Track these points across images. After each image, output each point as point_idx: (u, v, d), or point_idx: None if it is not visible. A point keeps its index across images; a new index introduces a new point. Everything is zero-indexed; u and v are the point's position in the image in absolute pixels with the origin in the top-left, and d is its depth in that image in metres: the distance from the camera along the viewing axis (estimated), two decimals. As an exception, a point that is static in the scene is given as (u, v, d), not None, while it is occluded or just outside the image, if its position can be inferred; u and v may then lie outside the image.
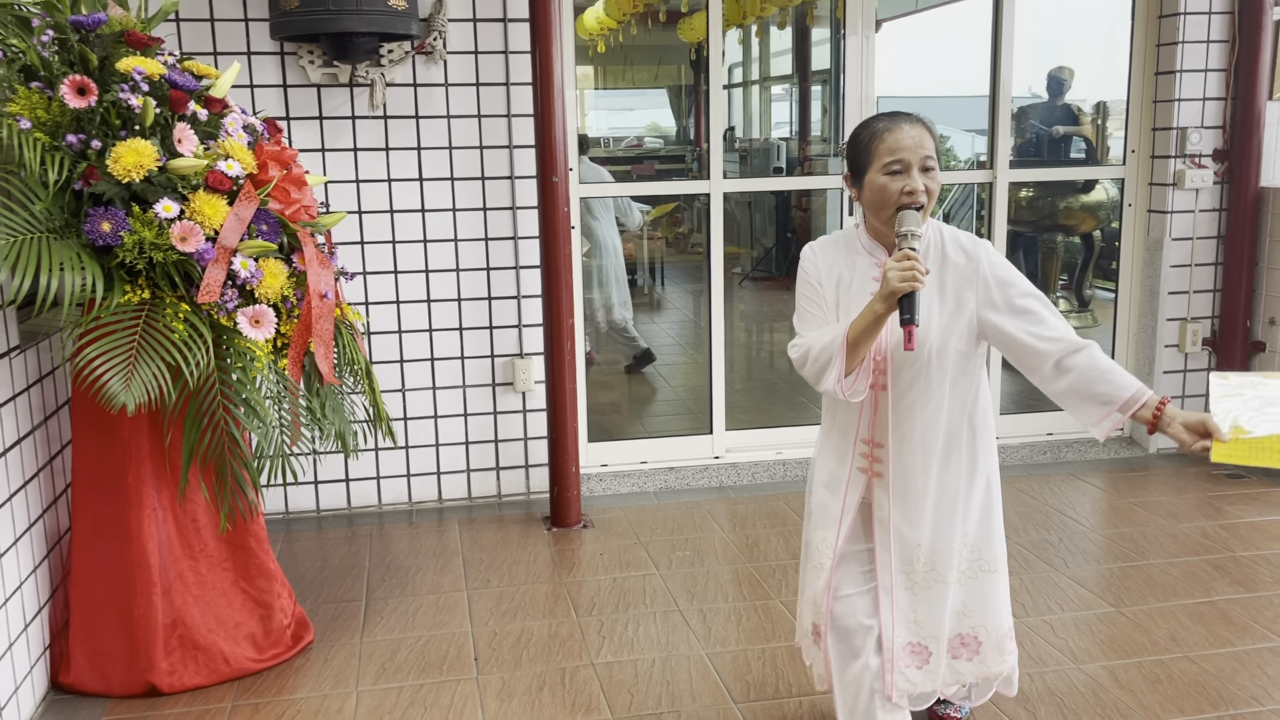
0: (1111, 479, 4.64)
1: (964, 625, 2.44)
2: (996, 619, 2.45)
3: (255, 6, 3.92)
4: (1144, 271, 4.93)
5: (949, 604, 2.40)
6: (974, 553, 2.41)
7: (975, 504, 2.39)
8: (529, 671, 3.04)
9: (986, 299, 2.26)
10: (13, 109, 2.55)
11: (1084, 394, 2.20)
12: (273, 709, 2.87)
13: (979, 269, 2.26)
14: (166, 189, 2.66)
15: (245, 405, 2.79)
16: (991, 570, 2.43)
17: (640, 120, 12.65)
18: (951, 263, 2.28)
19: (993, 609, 2.44)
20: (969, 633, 2.44)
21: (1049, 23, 6.91)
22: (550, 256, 3.97)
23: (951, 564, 2.38)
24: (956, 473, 2.35)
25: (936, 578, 2.38)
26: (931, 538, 2.37)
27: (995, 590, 2.44)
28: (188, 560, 2.97)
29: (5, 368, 2.78)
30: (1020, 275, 2.29)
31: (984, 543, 2.41)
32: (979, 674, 2.48)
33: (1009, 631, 2.49)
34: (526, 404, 4.38)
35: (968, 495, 2.38)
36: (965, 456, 2.36)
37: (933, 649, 2.41)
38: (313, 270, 2.87)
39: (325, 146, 4.05)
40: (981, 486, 2.39)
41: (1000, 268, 2.28)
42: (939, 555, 2.37)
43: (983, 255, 2.28)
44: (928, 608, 2.39)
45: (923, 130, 2.21)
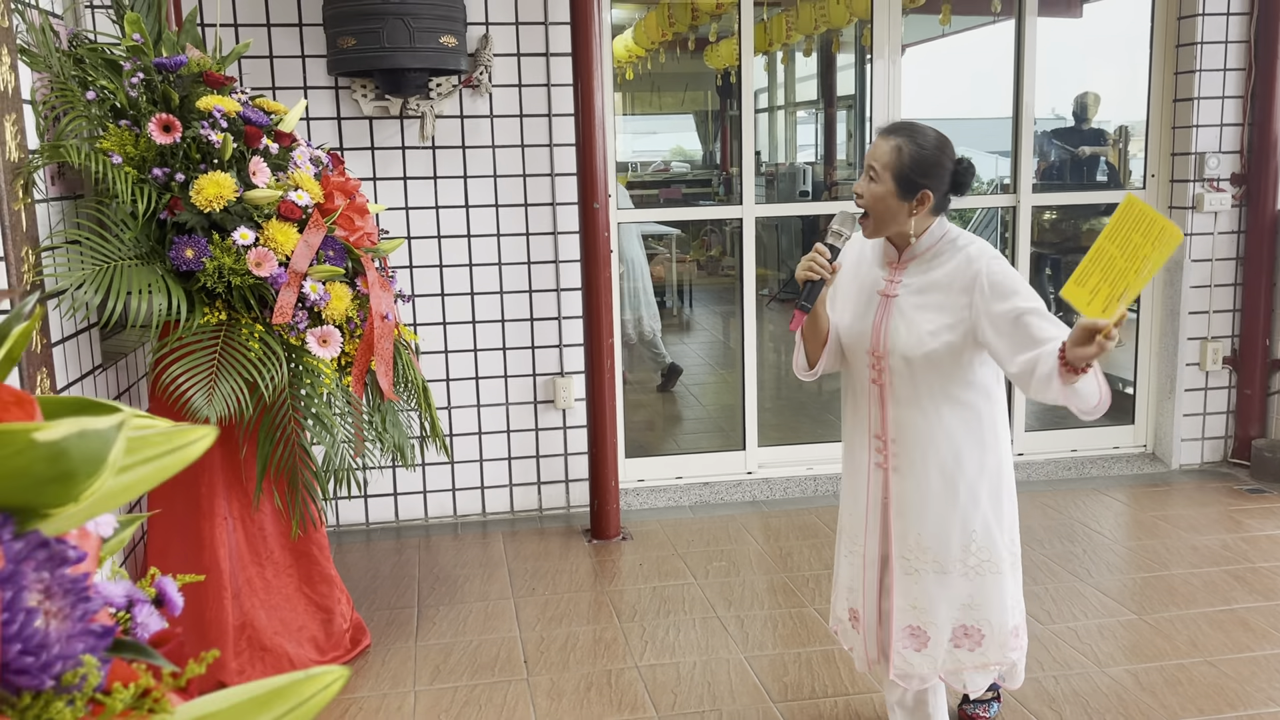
0: (1134, 493, 4.77)
1: (969, 617, 2.48)
2: (1001, 615, 2.48)
3: (312, 44, 4.14)
4: (1165, 292, 5.07)
5: (952, 594, 2.46)
6: (981, 550, 2.44)
7: (982, 503, 2.42)
8: (576, 673, 3.20)
9: (984, 307, 2.29)
10: (105, 145, 2.77)
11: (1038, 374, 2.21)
12: (336, 706, 3.04)
13: (978, 278, 2.29)
14: (243, 218, 2.86)
15: (314, 419, 2.98)
16: (997, 571, 2.46)
17: (667, 144, 12.87)
18: (944, 268, 2.35)
19: (997, 605, 2.47)
20: (973, 625, 2.49)
21: (1075, 48, 7.07)
22: (590, 279, 4.15)
23: (952, 556, 2.43)
24: (960, 470, 2.40)
25: (937, 568, 2.44)
26: (933, 529, 2.43)
27: (1001, 588, 2.47)
28: (255, 567, 3.16)
29: (90, 384, 2.98)
30: (1021, 284, 2.28)
31: (989, 542, 2.44)
32: (978, 663, 2.51)
33: (1014, 628, 2.53)
34: (567, 421, 4.56)
35: (972, 494, 2.41)
36: (971, 456, 2.39)
37: (931, 634, 2.48)
38: (375, 293, 3.06)
39: (377, 175, 4.26)
40: (988, 486, 2.42)
41: (997, 275, 2.29)
42: (940, 547, 2.43)
43: (983, 265, 2.30)
44: (926, 595, 2.46)
45: (887, 142, 2.32)
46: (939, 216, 2.41)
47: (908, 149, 2.30)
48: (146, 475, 0.54)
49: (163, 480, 0.55)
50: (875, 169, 2.31)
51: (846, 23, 6.38)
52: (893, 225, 2.37)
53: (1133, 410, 5.25)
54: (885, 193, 2.32)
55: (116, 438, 0.50)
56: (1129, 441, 5.23)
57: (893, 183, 2.31)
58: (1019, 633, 2.56)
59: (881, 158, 2.31)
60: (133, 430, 0.52)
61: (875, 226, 2.38)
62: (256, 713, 0.54)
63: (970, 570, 2.45)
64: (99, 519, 0.64)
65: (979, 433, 2.40)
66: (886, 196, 2.32)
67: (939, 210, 2.40)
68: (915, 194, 2.31)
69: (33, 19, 2.74)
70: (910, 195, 2.32)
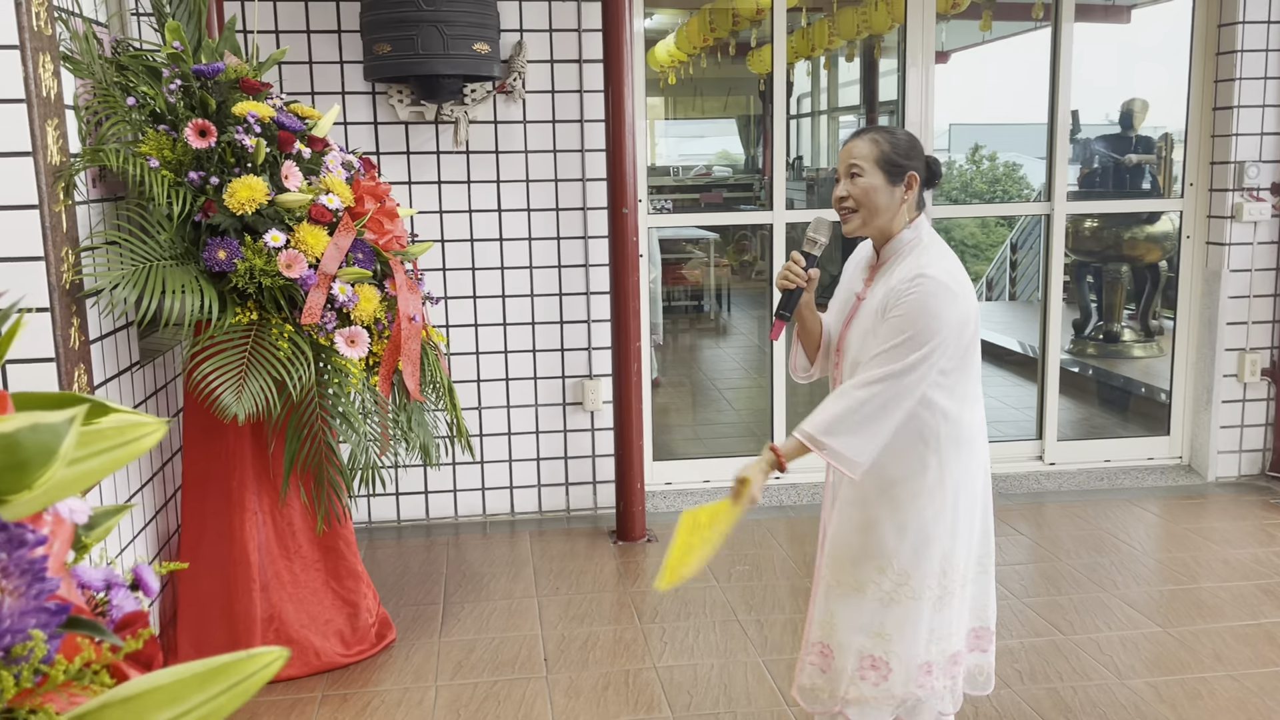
0: (1168, 505, 4.72)
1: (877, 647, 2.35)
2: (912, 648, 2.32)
3: (350, 50, 4.23)
4: (1202, 302, 5.01)
5: (864, 620, 2.34)
6: (899, 575, 2.31)
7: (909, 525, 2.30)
8: (595, 672, 3.24)
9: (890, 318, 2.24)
10: (143, 149, 2.86)
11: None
12: (359, 699, 3.11)
13: (903, 296, 2.21)
14: (275, 220, 2.94)
15: (341, 417, 3.05)
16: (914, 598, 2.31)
17: (710, 147, 12.91)
18: (896, 274, 2.27)
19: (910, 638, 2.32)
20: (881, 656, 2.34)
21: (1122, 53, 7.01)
22: (619, 283, 4.20)
23: (867, 577, 2.33)
24: (889, 486, 2.30)
25: (855, 586, 2.35)
26: (854, 545, 2.35)
27: (916, 619, 2.32)
28: (284, 560, 3.24)
29: (128, 381, 3.08)
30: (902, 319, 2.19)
31: (913, 567, 2.30)
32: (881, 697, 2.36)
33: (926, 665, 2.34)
34: (595, 423, 4.61)
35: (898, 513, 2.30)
36: (904, 473, 2.29)
37: (837, 656, 2.38)
38: (403, 295, 3.13)
39: (411, 179, 4.34)
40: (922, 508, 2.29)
41: (912, 302, 2.19)
42: (856, 565, 2.34)
43: (915, 286, 2.20)
44: (839, 613, 2.37)
45: (861, 140, 2.30)
46: (920, 214, 2.35)
47: (884, 137, 2.30)
48: (99, 466, 0.59)
49: (115, 470, 0.60)
50: (858, 164, 2.28)
51: (889, 28, 6.38)
52: (883, 217, 2.30)
53: (1168, 421, 5.19)
54: (874, 183, 2.28)
55: (68, 431, 0.55)
56: (1164, 453, 5.18)
57: (879, 171, 2.28)
58: (932, 670, 2.35)
59: (860, 152, 2.29)
60: (86, 425, 0.57)
61: (863, 220, 2.31)
62: (198, 689, 0.59)
63: (885, 595, 2.32)
64: (73, 506, 0.69)
65: (920, 450, 2.27)
66: (877, 186, 2.28)
67: (920, 205, 2.35)
68: (903, 177, 2.29)
69: (76, 27, 2.84)
70: (899, 179, 2.29)
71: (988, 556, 2.45)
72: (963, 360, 2.27)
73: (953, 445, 2.29)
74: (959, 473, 2.31)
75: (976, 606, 2.46)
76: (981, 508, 2.40)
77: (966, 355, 2.28)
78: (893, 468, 2.29)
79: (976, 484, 2.36)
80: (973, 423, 2.34)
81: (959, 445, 2.30)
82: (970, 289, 2.28)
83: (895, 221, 2.32)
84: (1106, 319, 7.30)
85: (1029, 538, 4.34)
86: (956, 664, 2.40)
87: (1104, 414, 6.44)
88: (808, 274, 2.38)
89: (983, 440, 2.39)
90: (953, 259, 2.29)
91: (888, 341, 2.20)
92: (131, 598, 0.77)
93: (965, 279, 2.27)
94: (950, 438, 2.28)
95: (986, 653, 2.50)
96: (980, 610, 2.46)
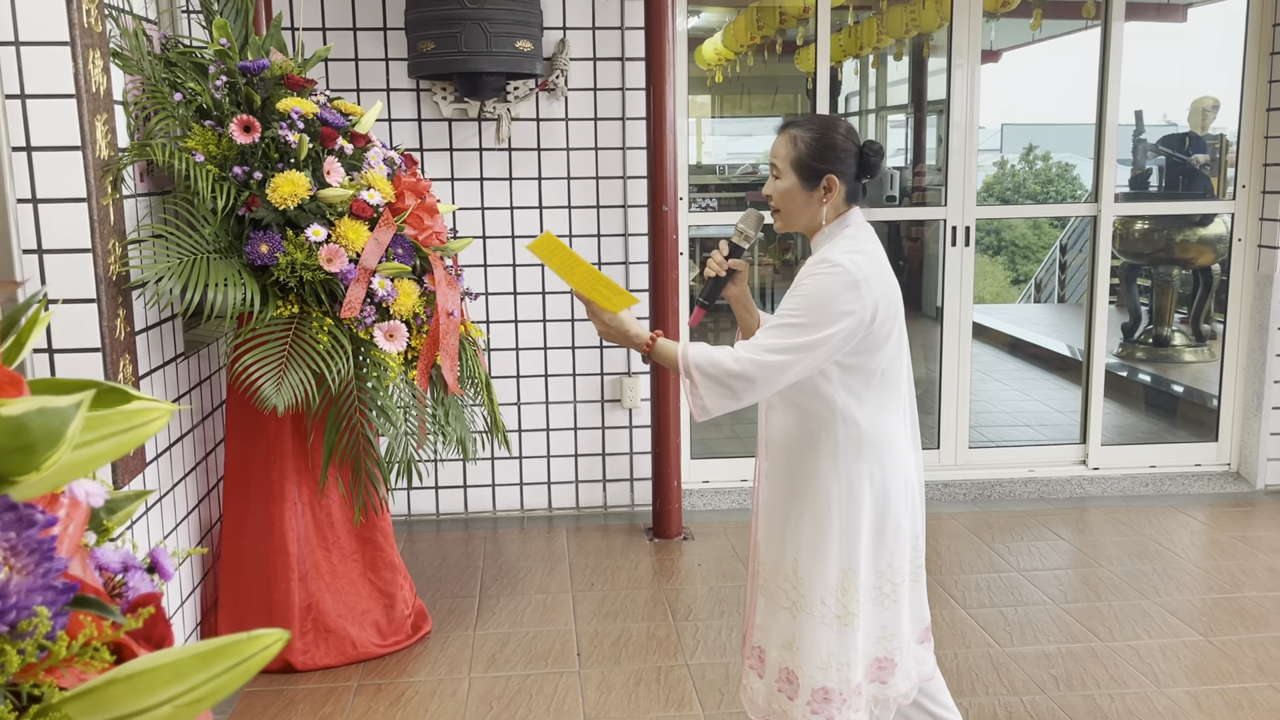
0: (1214, 513, 4.64)
1: (788, 658, 2.25)
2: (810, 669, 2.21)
3: (395, 48, 4.27)
4: (1254, 307, 4.92)
5: (779, 626, 2.26)
6: (799, 585, 2.22)
7: (805, 529, 2.20)
8: (627, 668, 3.25)
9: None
10: (189, 144, 2.91)
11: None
12: (393, 689, 3.15)
13: (799, 280, 2.15)
14: (316, 215, 2.98)
15: (379, 410, 3.09)
16: (808, 614, 2.20)
17: (757, 146, 12.87)
18: (805, 267, 2.19)
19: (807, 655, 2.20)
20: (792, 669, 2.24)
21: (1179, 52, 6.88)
22: (659, 281, 4.21)
23: (776, 583, 2.26)
24: (797, 488, 2.21)
25: (769, 591, 2.29)
26: (766, 546, 2.29)
27: (814, 637, 2.20)
28: (322, 551, 3.28)
29: (172, 372, 3.14)
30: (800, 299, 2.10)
31: (808, 577, 2.20)
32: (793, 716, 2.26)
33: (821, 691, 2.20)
34: (633, 420, 4.62)
35: (799, 516, 2.21)
36: (810, 474, 2.19)
37: (766, 662, 2.30)
38: (441, 290, 3.16)
39: (454, 176, 4.38)
40: (825, 514, 2.18)
41: (806, 284, 2.11)
42: (768, 568, 2.29)
43: (812, 269, 2.13)
44: (764, 616, 2.31)
45: (782, 136, 2.21)
46: (854, 207, 2.22)
47: (803, 137, 2.17)
48: (107, 449, 0.61)
49: (121, 455, 0.62)
50: (776, 165, 2.19)
51: (937, 26, 6.32)
52: (802, 218, 2.22)
53: (1216, 427, 5.10)
54: (789, 186, 2.19)
55: (74, 415, 0.57)
56: (1211, 459, 5.09)
57: (794, 174, 2.18)
58: (830, 698, 2.19)
59: (779, 152, 2.20)
60: (94, 410, 0.59)
61: (784, 221, 2.24)
62: (200, 668, 0.61)
63: (791, 604, 2.23)
64: (89, 489, 0.71)
65: (817, 453, 2.18)
66: (791, 190, 2.19)
67: (852, 198, 2.22)
68: (819, 180, 2.17)
69: (126, 24, 2.90)
70: (814, 183, 2.17)
71: (901, 582, 2.25)
72: (870, 358, 2.14)
73: (854, 451, 2.15)
74: (865, 480, 2.16)
75: (882, 634, 2.27)
76: (893, 523, 2.21)
77: (875, 354, 2.14)
78: (794, 467, 2.21)
79: (890, 496, 2.19)
80: (885, 429, 2.18)
81: (863, 452, 2.16)
82: (884, 282, 2.13)
83: (816, 220, 2.21)
84: (1156, 323, 7.18)
85: (1070, 543, 4.29)
86: (859, 694, 2.23)
87: (1151, 419, 6.34)
88: (729, 263, 2.29)
89: (902, 452, 2.21)
90: (869, 249, 2.15)
91: (782, 318, 2.10)
92: (148, 580, 0.80)
93: (878, 271, 2.12)
94: (852, 441, 2.15)
95: (887, 684, 2.28)
96: (885, 639, 2.27)
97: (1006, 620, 3.56)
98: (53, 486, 0.62)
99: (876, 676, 2.27)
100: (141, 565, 0.81)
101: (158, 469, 3.02)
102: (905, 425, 2.25)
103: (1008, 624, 3.53)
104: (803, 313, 2.07)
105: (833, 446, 2.16)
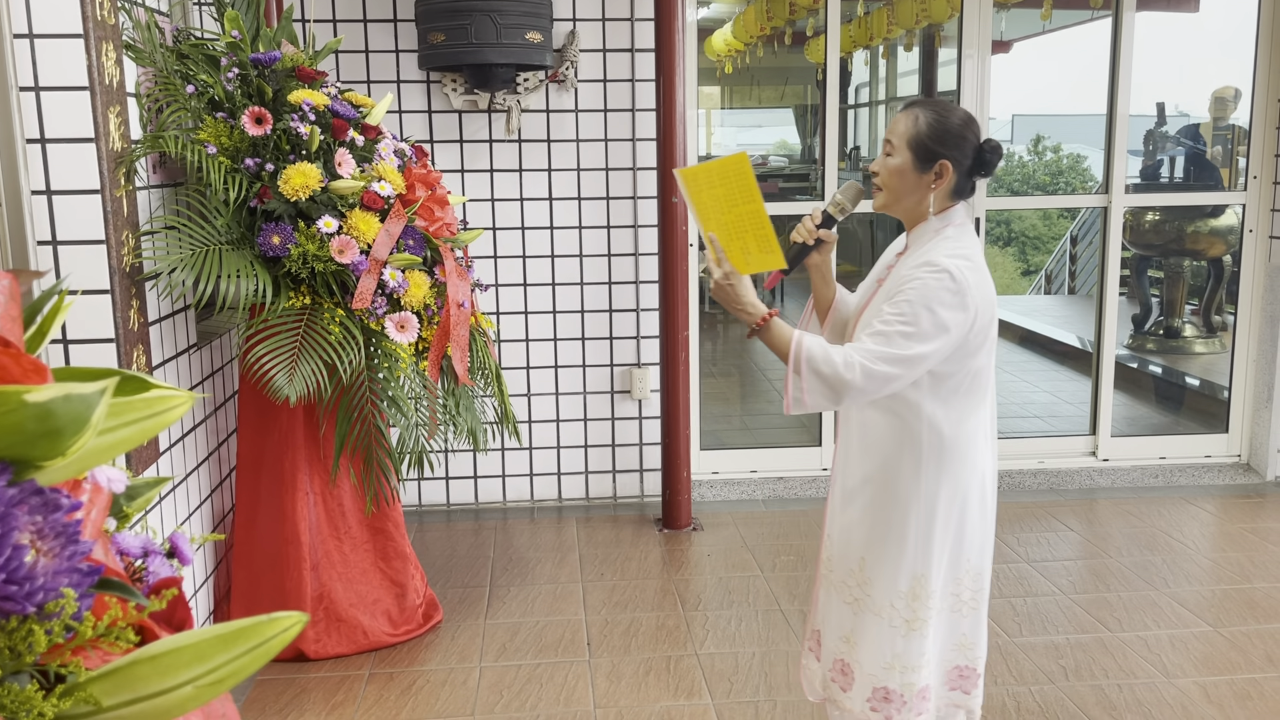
0: (1224, 504, 4.63)
1: (845, 650, 2.26)
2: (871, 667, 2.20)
3: (405, 39, 4.28)
4: (1265, 298, 4.90)
5: (838, 617, 2.27)
6: (864, 584, 2.21)
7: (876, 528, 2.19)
8: (637, 657, 3.27)
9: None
10: (202, 136, 2.93)
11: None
12: (404, 678, 3.17)
13: (906, 281, 2.07)
14: (328, 207, 2.99)
15: (390, 401, 3.10)
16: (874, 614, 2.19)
17: (769, 137, 12.86)
18: (909, 266, 2.12)
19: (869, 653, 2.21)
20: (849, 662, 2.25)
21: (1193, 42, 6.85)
22: (668, 272, 4.22)
23: (839, 577, 2.25)
24: (876, 486, 2.19)
25: (830, 582, 2.29)
26: (835, 539, 2.28)
27: (876, 637, 2.19)
28: (334, 540, 3.31)
29: (185, 362, 3.16)
30: (907, 305, 2.03)
31: (875, 575, 2.18)
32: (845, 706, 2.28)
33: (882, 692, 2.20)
34: (643, 411, 4.64)
35: (873, 515, 2.19)
36: (896, 475, 2.16)
37: (825, 647, 2.32)
38: (452, 281, 3.17)
39: (465, 167, 4.39)
40: (903, 517, 2.16)
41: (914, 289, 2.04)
42: (836, 560, 2.28)
43: (920, 273, 2.06)
44: (825, 603, 2.32)
45: (904, 114, 2.15)
46: (959, 203, 2.17)
47: (925, 117, 2.12)
48: (129, 436, 0.62)
49: (144, 441, 0.63)
50: (891, 142, 2.14)
51: (948, 17, 6.30)
52: (906, 202, 2.17)
53: (1227, 419, 5.09)
54: (901, 165, 2.13)
55: (99, 402, 0.58)
56: (1222, 451, 5.08)
57: (909, 153, 2.12)
58: (890, 699, 2.19)
59: (897, 129, 2.14)
60: (117, 397, 0.60)
61: (887, 200, 2.18)
62: (222, 649, 0.62)
63: (852, 600, 2.23)
64: (111, 476, 0.73)
65: (915, 457, 2.13)
66: (903, 169, 2.13)
67: (960, 193, 2.16)
68: (933, 164, 2.11)
69: (139, 16, 2.91)
70: (928, 166, 2.12)
71: (981, 590, 2.24)
72: (962, 365, 2.10)
73: (935, 458, 2.13)
74: (944, 488, 2.14)
75: (961, 642, 2.25)
76: (971, 530, 2.19)
77: (969, 360, 2.10)
78: (874, 467, 2.18)
79: (968, 503, 2.17)
80: (968, 434, 2.15)
81: (944, 460, 2.13)
82: (985, 288, 2.08)
83: (922, 207, 2.16)
84: (1167, 314, 7.17)
85: (1079, 534, 4.29)
86: (925, 699, 2.22)
87: (1161, 411, 6.33)
88: (818, 232, 2.24)
89: (982, 456, 2.19)
90: (971, 253, 2.10)
91: (889, 324, 2.03)
92: (167, 565, 0.81)
93: (979, 279, 2.07)
94: (934, 449, 2.12)
95: (969, 695, 2.28)
96: (965, 647, 2.25)
97: (1015, 611, 3.57)
98: (77, 472, 0.64)
99: (957, 685, 2.27)
100: (161, 550, 0.82)
101: (171, 459, 3.04)
102: (987, 425, 2.21)
103: (1016, 615, 3.54)
104: (911, 321, 2.01)
105: (915, 452, 2.13)
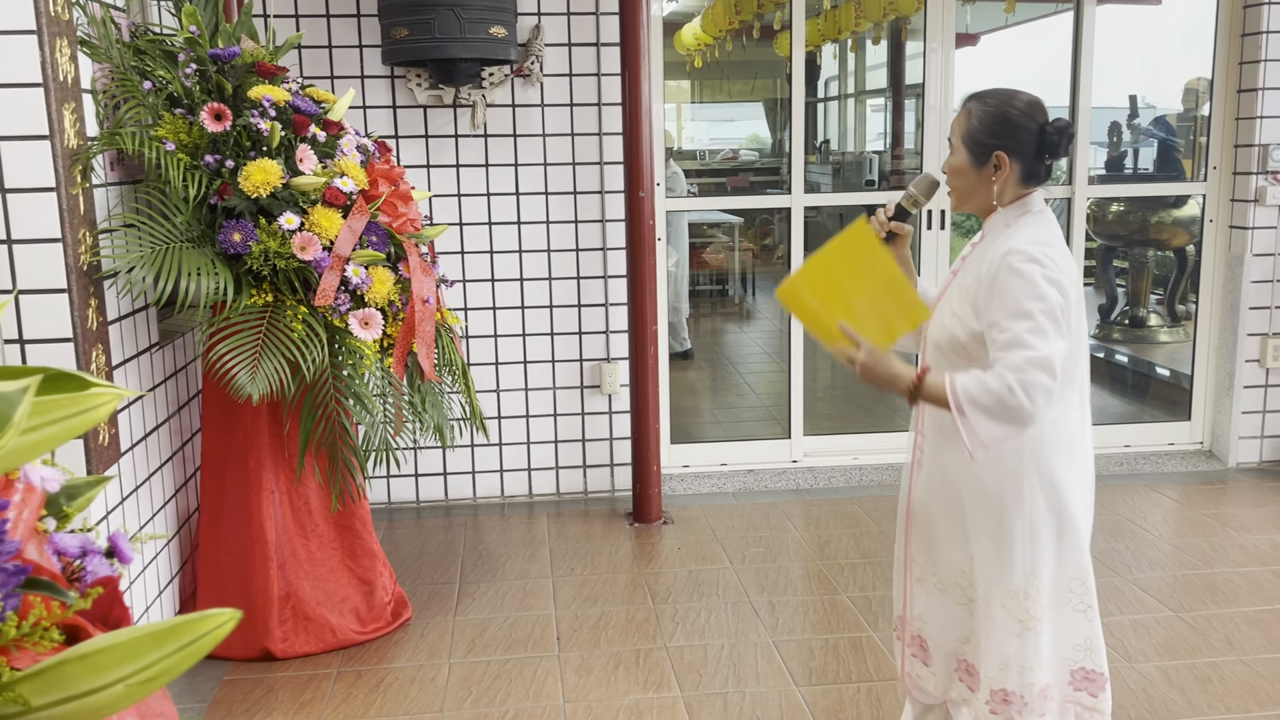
0: (1187, 491, 4.69)
1: (967, 651, 2.24)
2: (988, 669, 2.17)
3: (368, 34, 4.26)
4: (1225, 287, 4.96)
5: (948, 618, 2.25)
6: (974, 586, 2.18)
7: (983, 532, 2.14)
8: (606, 651, 3.27)
9: (984, 307, 2.06)
10: (160, 133, 2.90)
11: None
12: (373, 675, 3.16)
13: (997, 273, 2.02)
14: (289, 203, 2.97)
15: (355, 398, 3.09)
16: (986, 616, 2.16)
17: (740, 131, 12.85)
18: (990, 250, 2.09)
19: (988, 655, 2.16)
20: (973, 663, 2.22)
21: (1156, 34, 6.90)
22: (636, 266, 4.22)
23: (949, 579, 2.23)
24: (970, 487, 2.14)
25: (937, 584, 2.27)
26: (936, 543, 2.25)
27: (990, 637, 2.16)
28: (300, 539, 3.29)
29: (147, 362, 3.14)
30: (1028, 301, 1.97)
31: (983, 578, 2.15)
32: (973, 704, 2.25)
33: (1005, 694, 2.16)
34: (612, 406, 4.64)
35: (977, 517, 2.14)
36: (991, 475, 2.11)
37: (931, 650, 2.31)
38: (416, 277, 3.16)
39: (430, 163, 4.37)
40: (1010, 520, 2.10)
41: (1010, 278, 1.99)
42: (940, 564, 2.25)
43: (1011, 260, 2.01)
44: (928, 608, 2.30)
45: (961, 110, 2.15)
46: (1034, 190, 2.12)
47: (977, 111, 2.09)
48: (55, 434, 0.62)
49: (71, 439, 0.63)
50: (951, 141, 2.14)
51: (915, 10, 6.33)
52: (975, 199, 2.15)
53: (1189, 406, 5.15)
54: (960, 163, 2.13)
55: (21, 400, 0.58)
56: (1185, 438, 5.14)
57: (965, 150, 2.11)
58: (1010, 700, 2.15)
59: (955, 126, 2.14)
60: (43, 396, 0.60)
61: (957, 201, 2.19)
62: (153, 647, 0.62)
63: (967, 601, 2.20)
64: (45, 475, 0.72)
65: (1015, 451, 2.07)
66: (961, 167, 2.13)
67: (1031, 178, 2.10)
68: (989, 157, 2.08)
69: (94, 12, 2.88)
70: (984, 160, 2.09)
71: (1090, 585, 2.21)
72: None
73: (1035, 452, 2.08)
74: (1050, 483, 2.09)
75: (1085, 645, 2.21)
76: (1077, 521, 2.14)
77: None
78: (967, 463, 2.10)
79: (1075, 498, 2.12)
80: (1066, 426, 2.09)
81: (1044, 453, 2.08)
82: (1068, 270, 2.02)
83: (990, 199, 2.13)
84: (1133, 304, 7.24)
85: (1045, 522, 4.32)
86: (1047, 699, 2.17)
87: (1127, 400, 6.39)
88: (891, 225, 2.21)
89: (1082, 448, 2.14)
90: (1051, 239, 2.05)
91: (1006, 332, 1.97)
92: (106, 564, 0.81)
93: (1061, 258, 2.02)
94: (1032, 441, 2.05)
95: (1096, 698, 2.22)
96: (1090, 650, 2.21)
97: (982, 599, 3.60)
98: (3, 470, 0.63)
99: (1084, 687, 2.22)
100: (100, 550, 0.82)
101: (133, 459, 3.02)
102: (1083, 419, 2.16)
103: (983, 603, 3.57)
104: (1026, 315, 1.95)
105: (1015, 446, 2.05)
